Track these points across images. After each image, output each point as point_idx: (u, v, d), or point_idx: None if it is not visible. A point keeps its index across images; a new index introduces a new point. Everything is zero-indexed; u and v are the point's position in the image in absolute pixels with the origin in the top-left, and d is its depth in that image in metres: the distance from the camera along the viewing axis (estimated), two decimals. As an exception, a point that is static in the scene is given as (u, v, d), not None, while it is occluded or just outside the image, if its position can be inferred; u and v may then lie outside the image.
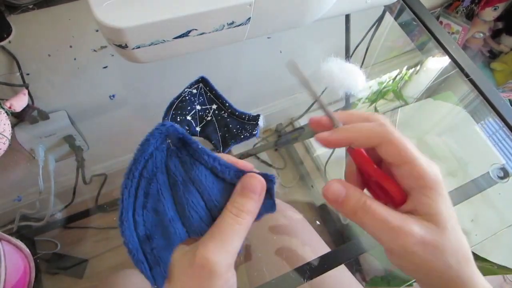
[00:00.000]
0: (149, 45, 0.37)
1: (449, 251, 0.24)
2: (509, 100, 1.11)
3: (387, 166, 0.27)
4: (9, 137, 0.44)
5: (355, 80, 0.50)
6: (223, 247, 0.23)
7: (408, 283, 0.58)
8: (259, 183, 0.25)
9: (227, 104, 0.48)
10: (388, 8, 0.65)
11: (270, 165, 0.95)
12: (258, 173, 0.26)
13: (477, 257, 0.55)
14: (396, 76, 0.64)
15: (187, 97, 0.47)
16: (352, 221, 0.26)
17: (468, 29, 1.15)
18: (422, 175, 0.25)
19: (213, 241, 0.23)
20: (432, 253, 0.24)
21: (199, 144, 0.26)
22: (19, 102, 0.46)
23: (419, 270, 0.25)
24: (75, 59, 0.53)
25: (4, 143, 0.43)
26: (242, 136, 0.47)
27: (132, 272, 0.52)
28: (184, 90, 0.47)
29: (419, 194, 0.25)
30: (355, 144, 0.27)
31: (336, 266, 0.40)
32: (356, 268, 0.70)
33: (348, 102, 0.64)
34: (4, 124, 0.43)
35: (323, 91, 0.52)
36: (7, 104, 0.44)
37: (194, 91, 0.48)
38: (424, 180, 0.25)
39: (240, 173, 0.26)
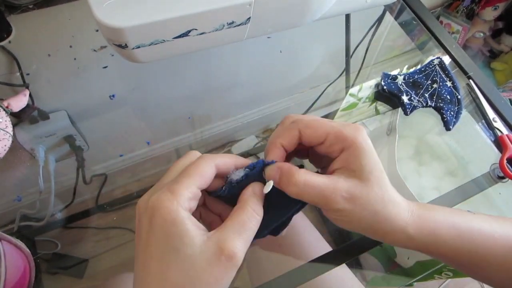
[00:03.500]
0: (149, 45, 0.37)
1: (373, 200, 0.28)
2: (510, 100, 1.11)
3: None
4: (12, 134, 0.44)
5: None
6: (245, 243, 0.25)
7: (408, 283, 0.58)
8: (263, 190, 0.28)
9: None
10: (388, 8, 0.65)
11: (270, 165, 0.95)
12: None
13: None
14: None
15: None
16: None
17: (468, 29, 1.15)
18: (345, 137, 0.28)
19: (239, 236, 0.25)
20: (359, 205, 0.27)
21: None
22: (18, 103, 0.46)
23: (351, 222, 0.28)
24: (75, 59, 0.53)
25: (8, 139, 0.43)
26: None
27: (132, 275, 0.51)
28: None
29: (344, 153, 0.29)
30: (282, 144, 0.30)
31: (336, 266, 0.40)
32: (356, 268, 0.70)
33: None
34: (6, 121, 0.43)
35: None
36: (5, 103, 0.44)
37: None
38: (348, 140, 0.28)
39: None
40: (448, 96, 0.53)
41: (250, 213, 0.26)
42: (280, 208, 0.31)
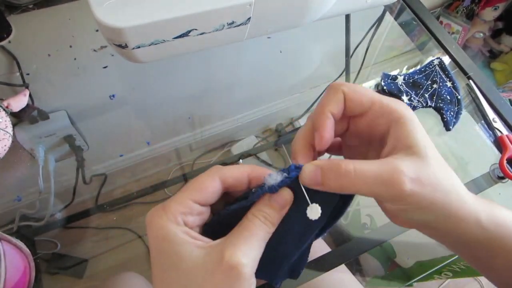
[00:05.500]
0: (149, 45, 0.37)
1: (441, 177, 0.24)
2: (509, 100, 1.11)
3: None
4: (12, 134, 0.44)
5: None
6: (251, 251, 0.23)
7: (408, 283, 0.58)
8: (290, 197, 0.25)
9: None
10: (388, 8, 0.65)
11: (270, 165, 0.95)
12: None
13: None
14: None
15: None
16: (350, 221, 0.26)
17: (468, 29, 1.15)
18: (392, 109, 0.25)
19: (243, 243, 0.23)
20: (428, 184, 0.23)
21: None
22: (18, 103, 0.46)
23: (422, 210, 0.24)
24: (75, 59, 0.54)
25: (8, 139, 0.43)
26: None
27: (133, 274, 0.52)
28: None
29: (394, 129, 0.25)
30: (331, 111, 0.27)
31: (336, 266, 0.40)
32: (356, 268, 0.70)
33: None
34: (6, 121, 0.43)
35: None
36: (5, 103, 0.44)
37: None
38: (395, 113, 0.25)
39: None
40: (448, 97, 0.53)
41: (256, 221, 0.24)
42: (296, 235, 0.26)
